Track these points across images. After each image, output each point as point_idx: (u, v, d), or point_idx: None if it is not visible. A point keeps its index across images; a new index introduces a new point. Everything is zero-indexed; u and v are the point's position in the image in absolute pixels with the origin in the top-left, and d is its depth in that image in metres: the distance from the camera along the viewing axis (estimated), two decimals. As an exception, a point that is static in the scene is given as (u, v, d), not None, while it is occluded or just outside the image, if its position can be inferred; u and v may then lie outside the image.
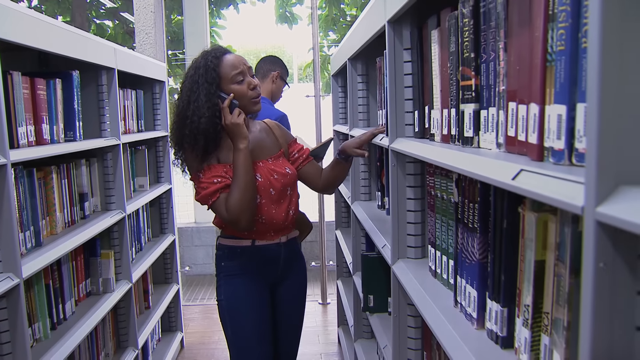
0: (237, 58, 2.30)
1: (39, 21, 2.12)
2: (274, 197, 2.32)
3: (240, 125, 2.19)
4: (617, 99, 0.64)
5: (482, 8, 1.22)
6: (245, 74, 2.27)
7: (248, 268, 2.38)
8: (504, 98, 1.11)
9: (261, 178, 2.30)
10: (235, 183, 2.19)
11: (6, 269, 1.88)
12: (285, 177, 2.35)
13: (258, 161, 2.33)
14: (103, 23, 11.12)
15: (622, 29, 0.62)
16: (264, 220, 2.32)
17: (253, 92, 2.27)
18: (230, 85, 2.24)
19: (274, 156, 2.40)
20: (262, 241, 2.37)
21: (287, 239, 2.43)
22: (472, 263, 1.33)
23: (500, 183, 0.93)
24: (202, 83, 2.20)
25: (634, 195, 0.62)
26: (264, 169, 2.33)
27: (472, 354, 1.19)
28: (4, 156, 1.82)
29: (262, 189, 2.29)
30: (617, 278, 0.66)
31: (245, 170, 2.19)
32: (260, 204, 2.30)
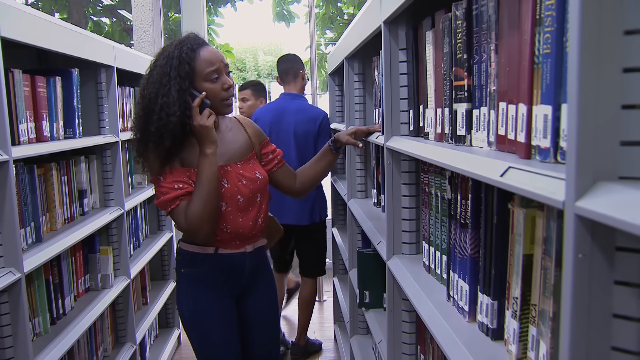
0: (214, 53, 2.11)
1: (40, 19, 2.15)
2: (241, 205, 2.16)
3: (209, 128, 2.02)
4: (595, 101, 0.68)
5: (475, 11, 1.25)
6: (221, 71, 2.10)
7: (210, 277, 2.21)
8: (495, 98, 1.15)
9: (228, 184, 2.13)
10: (197, 192, 2.02)
11: (8, 263, 1.91)
12: (255, 182, 2.19)
13: (225, 165, 2.16)
14: (100, 20, 11.15)
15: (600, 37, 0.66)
16: (229, 229, 2.15)
17: (226, 92, 2.11)
18: (204, 83, 2.06)
19: (244, 159, 2.23)
20: (226, 250, 2.20)
21: (253, 248, 2.26)
22: (464, 258, 1.37)
23: (489, 180, 0.97)
24: (174, 77, 2.01)
25: (610, 190, 0.66)
26: (231, 174, 2.16)
27: (464, 346, 1.23)
28: (6, 153, 1.86)
29: (228, 196, 2.12)
30: (595, 268, 0.70)
31: (209, 178, 2.02)
32: (226, 212, 2.13)
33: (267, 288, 2.40)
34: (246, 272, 2.26)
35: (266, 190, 2.26)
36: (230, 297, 2.26)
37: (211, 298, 2.21)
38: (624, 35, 0.67)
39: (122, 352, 3.13)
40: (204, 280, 2.21)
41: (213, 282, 2.21)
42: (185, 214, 2.02)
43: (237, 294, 2.30)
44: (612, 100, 0.68)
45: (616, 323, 0.71)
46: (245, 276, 2.27)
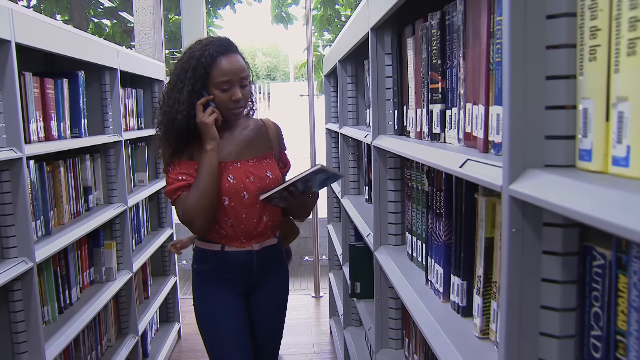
0: (231, 64, 2.15)
1: (51, 25, 2.29)
2: (246, 202, 2.21)
3: (208, 125, 2.12)
4: (523, 103, 0.82)
5: (447, 21, 1.39)
6: (233, 83, 2.15)
7: (218, 274, 2.29)
8: (463, 99, 1.29)
9: (234, 179, 2.20)
10: (195, 185, 2.13)
11: (21, 253, 2.05)
12: (264, 180, 2.24)
13: (236, 161, 2.24)
14: (101, 22, 11.29)
15: (525, 51, 0.81)
16: (232, 223, 2.22)
17: (233, 104, 2.16)
18: (214, 90, 2.14)
19: (258, 157, 2.29)
20: (232, 247, 2.26)
21: (260, 247, 2.29)
22: (439, 244, 1.51)
23: (451, 170, 1.11)
24: (189, 77, 2.12)
25: (537, 176, 0.80)
26: (240, 170, 2.23)
27: (437, 323, 1.36)
28: (20, 150, 2.00)
29: (232, 192, 2.19)
30: (527, 240, 0.85)
31: (207, 173, 2.11)
32: (229, 206, 2.20)
33: (275, 288, 2.43)
34: (254, 270, 2.30)
35: None
36: (239, 293, 2.32)
37: (219, 293, 2.28)
38: (545, 49, 0.81)
39: (125, 343, 3.26)
40: (213, 276, 2.29)
41: (221, 278, 2.28)
42: (183, 205, 2.13)
43: (247, 291, 2.35)
44: (537, 102, 0.82)
45: (544, 286, 0.85)
46: (253, 274, 2.31)
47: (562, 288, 0.84)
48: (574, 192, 0.70)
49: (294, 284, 5.97)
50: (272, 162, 2.33)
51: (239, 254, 2.26)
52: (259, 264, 2.30)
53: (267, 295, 2.40)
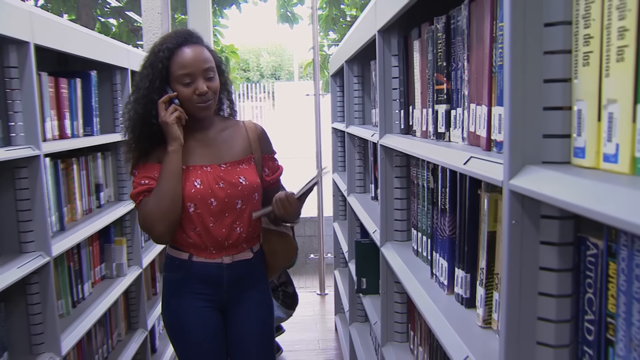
0: (190, 56, 1.99)
1: (67, 27, 2.36)
2: (214, 209, 2.05)
3: (168, 124, 1.97)
4: (523, 104, 0.88)
5: (452, 24, 1.46)
6: (195, 76, 1.99)
7: (187, 284, 2.12)
8: (467, 100, 1.35)
9: (201, 185, 2.04)
10: (155, 189, 2.00)
11: (38, 248, 2.12)
12: (235, 187, 2.07)
13: (205, 165, 2.08)
14: (107, 21, 11.38)
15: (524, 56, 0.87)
16: (199, 231, 2.07)
17: (199, 98, 1.99)
18: (176, 85, 1.99)
19: (232, 162, 2.12)
20: (200, 257, 2.10)
21: (232, 260, 2.12)
22: (444, 239, 1.57)
23: (456, 167, 1.18)
24: (148, 73, 2.00)
25: (535, 172, 0.86)
26: (209, 175, 2.06)
27: (442, 314, 1.43)
28: (38, 148, 2.06)
29: (198, 197, 2.03)
30: (525, 231, 0.91)
31: (167, 176, 1.98)
32: (195, 213, 2.04)
33: (253, 308, 2.22)
34: (224, 285, 2.14)
35: (252, 199, 2.12)
36: (211, 308, 2.15)
37: (188, 305, 2.12)
38: (543, 55, 0.88)
39: (135, 337, 3.33)
40: (181, 287, 2.13)
41: (190, 290, 2.12)
42: (142, 210, 2.01)
43: (220, 307, 2.18)
44: (535, 104, 0.88)
45: (542, 274, 0.91)
46: (224, 289, 2.14)
47: (558, 276, 0.90)
48: (568, 186, 0.77)
49: (300, 282, 6.03)
50: (249, 167, 2.15)
51: (208, 266, 2.11)
52: (231, 278, 2.14)
53: (244, 314, 2.21)
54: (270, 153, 2.27)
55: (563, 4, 0.85)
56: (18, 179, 2.07)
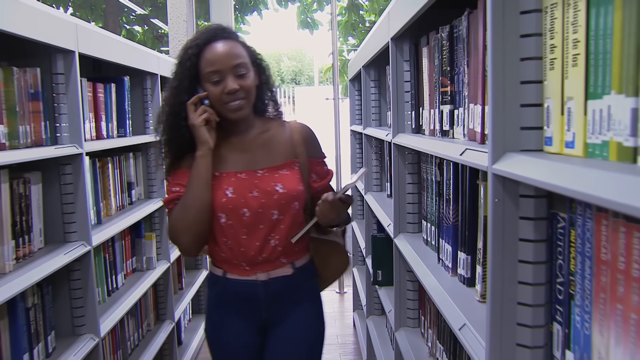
0: (218, 52, 1.84)
1: (106, 37, 2.57)
2: (246, 220, 1.87)
3: (196, 127, 1.83)
4: (503, 102, 1.05)
5: (455, 33, 1.63)
6: (223, 73, 1.82)
7: (224, 301, 1.99)
8: (467, 100, 1.52)
9: (233, 193, 1.87)
10: (182, 198, 1.86)
11: (80, 238, 2.32)
12: (270, 196, 1.87)
13: (240, 171, 1.91)
14: (133, 28, 11.69)
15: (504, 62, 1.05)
16: (230, 245, 1.91)
17: (228, 97, 1.83)
18: (205, 84, 1.85)
19: (270, 167, 1.93)
20: (233, 274, 1.95)
21: (268, 277, 1.93)
22: (449, 226, 1.74)
23: (454, 158, 1.36)
24: (177, 73, 1.90)
25: (513, 158, 1.03)
26: (243, 182, 1.89)
27: (446, 292, 1.59)
28: (81, 147, 2.27)
29: (229, 207, 1.86)
30: (507, 208, 1.08)
31: (193, 183, 1.83)
32: (226, 225, 1.88)
33: (298, 329, 2.01)
34: (261, 304, 1.96)
35: (292, 209, 1.91)
36: (250, 328, 1.99)
37: (226, 323, 1.99)
38: (520, 61, 1.05)
39: (163, 328, 3.53)
40: (220, 304, 2.01)
41: (228, 307, 1.99)
42: (170, 220, 1.90)
43: (260, 326, 2.01)
44: (514, 102, 1.05)
45: (521, 244, 1.09)
46: (262, 309, 1.97)
47: (534, 246, 1.08)
48: (539, 168, 0.94)
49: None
50: (291, 173, 1.94)
51: (242, 283, 1.94)
52: (268, 297, 1.95)
53: (286, 335, 2.00)
54: (318, 157, 2.05)
55: (535, 19, 1.03)
56: (63, 174, 2.27)
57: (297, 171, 1.95)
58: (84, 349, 2.24)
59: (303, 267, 2.01)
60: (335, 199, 1.81)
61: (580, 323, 0.95)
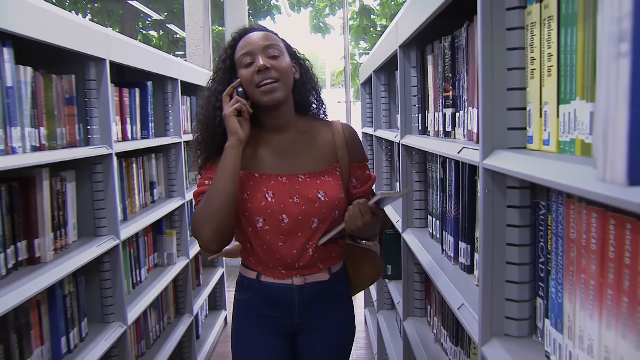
0: (251, 37, 1.82)
1: (132, 45, 2.75)
2: (285, 227, 1.80)
3: (227, 117, 1.76)
4: (492, 106, 1.22)
5: (456, 43, 1.79)
6: (254, 54, 1.78)
7: (255, 306, 1.92)
8: (467, 104, 1.68)
9: (273, 198, 1.80)
10: (208, 190, 1.78)
11: (109, 232, 2.49)
12: (311, 203, 1.81)
13: (281, 175, 1.84)
14: (148, 33, 11.93)
15: (493, 71, 1.21)
16: (265, 248, 1.84)
17: (258, 76, 1.76)
18: (240, 71, 1.81)
19: (312, 172, 1.86)
20: (268, 277, 1.88)
21: (303, 282, 1.87)
22: (451, 219, 1.90)
23: (452, 155, 1.53)
24: (219, 67, 1.87)
25: (501, 154, 1.20)
26: (283, 187, 1.82)
27: (448, 279, 1.75)
28: (110, 147, 2.45)
29: (268, 212, 1.80)
30: (496, 198, 1.25)
31: (219, 173, 1.75)
32: (262, 230, 1.81)
33: (330, 333, 1.97)
34: (296, 309, 1.89)
35: (330, 217, 1.84)
36: (280, 334, 1.93)
37: (255, 330, 1.92)
38: (507, 70, 1.22)
39: (182, 321, 3.71)
40: (249, 308, 1.93)
41: (259, 312, 1.92)
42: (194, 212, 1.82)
43: (290, 332, 1.96)
44: (501, 106, 1.22)
45: (508, 229, 1.25)
46: (297, 314, 1.90)
47: (520, 230, 1.24)
48: (522, 163, 1.10)
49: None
50: (332, 179, 1.87)
51: (277, 287, 1.88)
52: (303, 302, 1.89)
53: (317, 342, 1.96)
54: (360, 160, 1.97)
55: (518, 35, 1.19)
56: (94, 173, 2.45)
57: (338, 177, 1.88)
58: (113, 335, 2.42)
59: (338, 272, 1.96)
60: (367, 204, 1.75)
61: (554, 294, 1.11)
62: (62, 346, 2.13)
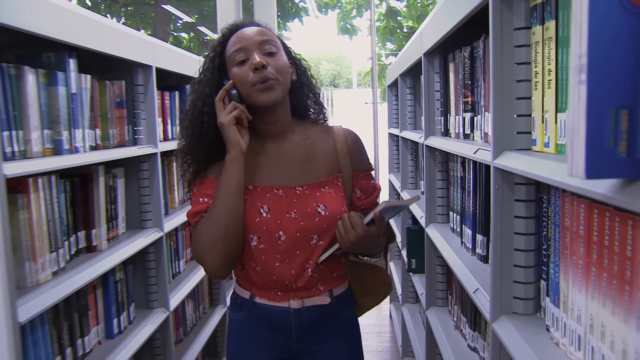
0: (244, 32, 1.62)
1: (174, 52, 2.96)
2: (281, 246, 1.63)
3: (225, 127, 1.56)
4: (502, 112, 1.40)
5: (475, 53, 1.96)
6: (248, 51, 1.58)
7: (249, 327, 1.75)
8: (484, 109, 1.86)
9: (268, 213, 1.63)
10: (209, 210, 1.60)
11: (154, 225, 2.71)
12: (311, 219, 1.63)
13: (277, 187, 1.66)
14: (179, 35, 12.24)
15: (502, 82, 1.39)
16: (260, 271, 1.66)
17: (255, 76, 1.56)
18: (232, 70, 1.61)
19: (311, 183, 1.68)
20: (263, 299, 1.71)
21: (301, 305, 1.69)
22: (469, 213, 2.08)
23: (469, 156, 1.71)
24: (207, 67, 1.67)
25: (509, 155, 1.37)
26: (279, 200, 1.65)
27: (465, 266, 1.92)
28: (156, 147, 2.66)
29: (263, 229, 1.62)
30: (505, 193, 1.43)
31: (222, 192, 1.56)
32: (256, 249, 1.64)
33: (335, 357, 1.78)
34: (293, 334, 1.71)
35: (332, 232, 1.64)
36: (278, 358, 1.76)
37: (250, 353, 1.76)
38: (516, 83, 1.39)
39: (216, 312, 3.91)
40: (243, 329, 1.77)
41: (253, 335, 1.75)
42: (196, 235, 1.63)
43: (289, 358, 1.78)
44: (510, 112, 1.40)
45: (515, 220, 1.43)
46: (294, 339, 1.72)
47: (526, 221, 1.42)
48: (526, 163, 1.27)
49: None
50: (334, 191, 1.70)
51: (272, 310, 1.70)
52: (301, 327, 1.71)
53: None
54: (364, 169, 1.79)
55: (525, 52, 1.37)
56: (141, 170, 2.66)
57: (340, 188, 1.71)
58: (158, 320, 2.63)
59: (342, 295, 1.77)
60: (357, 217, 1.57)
61: (553, 275, 1.29)
62: (114, 327, 2.35)
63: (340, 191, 1.70)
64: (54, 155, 1.87)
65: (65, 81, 1.94)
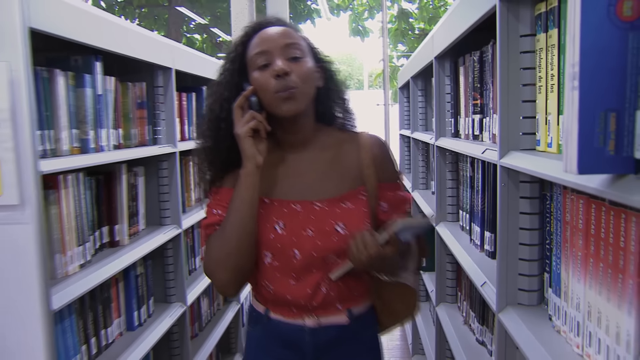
0: (267, 33, 1.49)
1: (191, 54, 3.06)
2: (296, 264, 1.51)
3: (240, 137, 1.46)
4: (508, 115, 1.48)
5: (484, 58, 2.04)
6: (271, 55, 1.46)
7: (264, 343, 1.64)
8: (492, 111, 1.94)
9: (283, 229, 1.52)
10: (221, 226, 1.51)
11: (173, 222, 2.80)
12: (328, 238, 1.50)
13: (295, 202, 1.54)
14: (192, 36, 12.37)
15: (509, 86, 1.47)
16: (273, 291, 1.55)
17: (277, 83, 1.44)
18: (253, 74, 1.48)
19: (331, 198, 1.54)
20: (277, 315, 1.59)
21: (317, 324, 1.56)
22: (478, 212, 2.16)
23: (477, 155, 1.79)
24: (227, 68, 1.56)
25: (515, 154, 1.45)
26: (296, 216, 1.53)
27: (474, 263, 2.01)
28: (175, 146, 2.75)
29: (277, 247, 1.52)
30: (510, 190, 1.51)
31: (235, 207, 1.47)
32: (270, 266, 1.54)
33: None
34: (308, 353, 1.58)
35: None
36: None
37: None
38: (522, 87, 1.47)
39: (230, 308, 4.00)
40: (260, 344, 1.66)
41: (269, 351, 1.63)
42: (207, 249, 1.55)
43: None
44: (516, 114, 1.48)
45: (521, 216, 1.51)
46: (309, 358, 1.58)
47: (530, 217, 1.50)
48: (531, 162, 1.35)
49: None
50: (356, 206, 1.55)
51: (287, 326, 1.58)
52: (317, 346, 1.58)
53: None
54: (391, 180, 1.63)
55: (530, 57, 1.45)
56: (160, 169, 2.76)
57: (363, 203, 1.56)
58: (175, 314, 2.73)
59: (363, 315, 1.63)
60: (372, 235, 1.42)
61: (555, 267, 1.37)
62: (135, 320, 2.44)
63: (363, 206, 1.55)
64: (80, 153, 1.97)
65: (92, 83, 2.03)
